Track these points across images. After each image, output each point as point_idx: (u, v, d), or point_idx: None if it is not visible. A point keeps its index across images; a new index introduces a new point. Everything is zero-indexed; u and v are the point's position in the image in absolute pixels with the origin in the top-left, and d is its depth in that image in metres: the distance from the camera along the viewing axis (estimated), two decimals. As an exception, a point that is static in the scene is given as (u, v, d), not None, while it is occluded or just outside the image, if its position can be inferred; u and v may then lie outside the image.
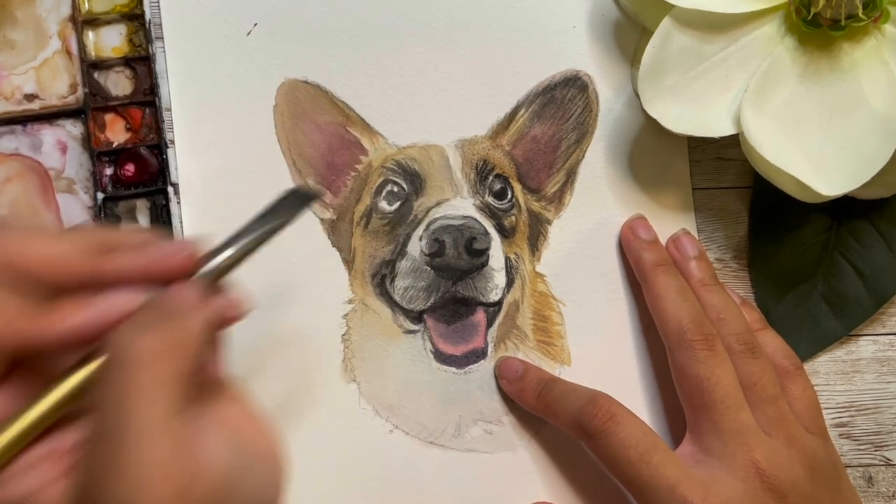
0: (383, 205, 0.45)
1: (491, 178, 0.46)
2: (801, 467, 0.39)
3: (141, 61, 0.45)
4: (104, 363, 0.28)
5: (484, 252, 0.44)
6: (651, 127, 0.46)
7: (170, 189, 0.44)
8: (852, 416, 0.46)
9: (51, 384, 0.28)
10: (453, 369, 0.45)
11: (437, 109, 0.46)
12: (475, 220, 0.44)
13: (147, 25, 0.45)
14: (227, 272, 0.31)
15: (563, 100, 0.46)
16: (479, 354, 0.45)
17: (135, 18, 0.45)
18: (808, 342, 0.46)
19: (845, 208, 0.45)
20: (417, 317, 0.45)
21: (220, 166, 0.45)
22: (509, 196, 0.46)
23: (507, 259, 0.45)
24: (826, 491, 0.39)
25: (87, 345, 0.28)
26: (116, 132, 0.45)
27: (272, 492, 0.31)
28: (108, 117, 0.45)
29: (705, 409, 0.39)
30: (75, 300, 0.28)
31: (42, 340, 0.28)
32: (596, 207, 0.46)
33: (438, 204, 0.45)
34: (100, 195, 0.44)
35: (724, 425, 0.39)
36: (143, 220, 0.45)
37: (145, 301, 0.29)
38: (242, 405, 0.31)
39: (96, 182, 0.44)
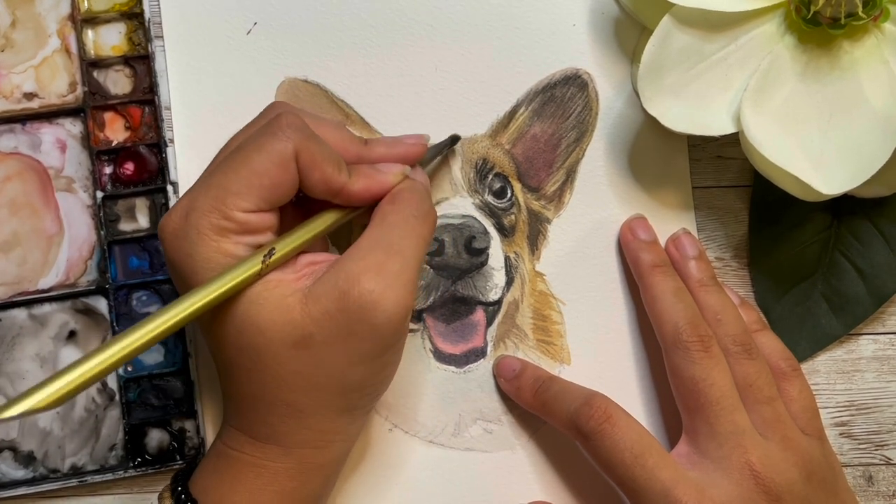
0: (383, 203, 0.45)
1: (490, 176, 0.45)
2: (796, 469, 0.39)
3: (140, 60, 0.45)
4: (399, 203, 0.38)
5: (483, 251, 0.44)
6: (651, 125, 0.46)
7: (169, 188, 0.44)
8: (852, 416, 0.46)
9: (309, 222, 0.38)
10: (453, 368, 0.45)
11: (437, 108, 0.46)
12: (474, 218, 0.44)
13: (146, 24, 0.45)
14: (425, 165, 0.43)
15: (563, 98, 0.46)
16: (479, 353, 0.45)
17: (134, 17, 0.45)
18: (808, 341, 0.46)
19: (845, 207, 0.45)
20: (417, 316, 0.45)
21: (220, 165, 0.45)
22: (509, 195, 0.46)
23: (507, 258, 0.45)
24: (822, 493, 0.39)
25: (360, 205, 0.39)
26: (116, 131, 0.45)
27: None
28: (108, 116, 0.45)
29: (700, 411, 0.39)
30: (361, 171, 0.38)
31: (343, 191, 0.38)
32: (596, 206, 0.46)
33: (438, 203, 0.45)
34: (99, 194, 0.44)
35: (719, 427, 0.39)
36: (143, 218, 0.45)
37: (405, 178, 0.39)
38: None
39: (95, 181, 0.44)
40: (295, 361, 0.36)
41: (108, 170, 0.45)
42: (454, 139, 0.45)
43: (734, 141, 0.43)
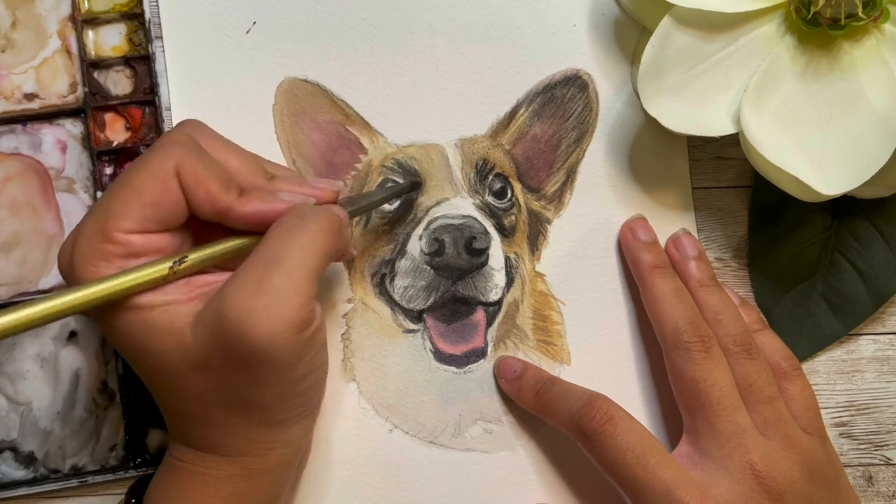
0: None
1: (491, 177, 0.46)
2: (798, 468, 0.39)
3: (141, 60, 0.45)
4: (282, 219, 0.35)
5: (483, 251, 0.44)
6: (651, 126, 0.46)
7: (169, 188, 0.44)
8: (852, 416, 0.46)
9: (212, 244, 0.36)
10: (453, 369, 0.45)
11: (437, 108, 0.46)
12: (475, 219, 0.44)
13: (147, 24, 0.45)
14: (353, 216, 0.40)
15: (563, 99, 0.46)
16: (479, 354, 0.45)
17: (134, 17, 0.45)
18: (808, 341, 0.46)
19: (845, 207, 0.45)
20: (417, 316, 0.45)
21: (220, 165, 0.45)
22: (509, 195, 0.46)
23: (507, 258, 0.45)
24: (824, 492, 0.39)
25: (252, 230, 0.36)
26: (116, 131, 0.45)
27: (324, 376, 0.39)
28: (108, 116, 0.45)
29: (701, 411, 0.39)
30: (255, 193, 0.36)
31: (232, 213, 0.35)
32: (596, 207, 0.46)
33: (438, 203, 0.45)
34: (100, 194, 0.44)
35: (720, 427, 0.39)
36: (143, 219, 0.45)
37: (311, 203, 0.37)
38: None
39: (96, 181, 0.44)
40: (201, 382, 0.35)
41: (108, 170, 0.45)
42: (414, 185, 0.44)
43: (734, 141, 0.43)
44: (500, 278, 0.45)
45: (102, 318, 0.35)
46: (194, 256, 0.35)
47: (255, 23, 0.45)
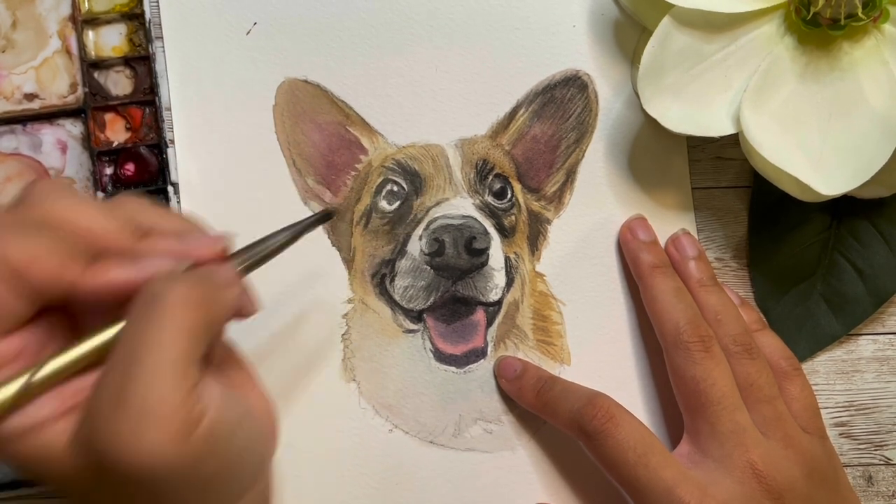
0: (383, 204, 0.45)
1: (491, 177, 0.46)
2: (798, 468, 0.39)
3: (141, 61, 0.45)
4: (134, 302, 0.29)
5: (483, 251, 0.44)
6: (651, 126, 0.46)
7: (170, 188, 0.44)
8: (852, 416, 0.46)
9: (80, 339, 0.30)
10: (453, 369, 0.45)
11: (437, 109, 0.46)
12: (475, 219, 0.45)
13: (147, 25, 0.45)
14: (249, 270, 0.34)
15: (563, 99, 0.46)
16: (479, 354, 0.45)
17: (135, 18, 0.45)
18: (808, 341, 0.46)
19: (845, 207, 0.45)
20: (417, 316, 0.45)
21: (220, 166, 0.45)
22: (509, 195, 0.46)
23: (507, 258, 0.45)
24: (824, 491, 0.39)
25: (118, 303, 0.30)
26: (116, 132, 0.45)
27: (263, 450, 0.32)
28: (108, 117, 0.45)
29: (702, 411, 0.39)
30: (116, 260, 0.30)
31: (85, 288, 0.29)
32: (596, 207, 0.46)
33: (438, 203, 0.45)
34: (100, 195, 0.44)
35: (720, 427, 0.39)
36: (143, 219, 0.44)
37: (179, 268, 0.31)
38: (244, 370, 0.34)
39: (96, 182, 0.44)
40: None
41: (108, 171, 0.45)
42: (325, 216, 0.39)
43: (734, 142, 0.43)
44: (500, 278, 0.45)
45: None
46: (54, 364, 0.29)
47: (255, 23, 0.45)
